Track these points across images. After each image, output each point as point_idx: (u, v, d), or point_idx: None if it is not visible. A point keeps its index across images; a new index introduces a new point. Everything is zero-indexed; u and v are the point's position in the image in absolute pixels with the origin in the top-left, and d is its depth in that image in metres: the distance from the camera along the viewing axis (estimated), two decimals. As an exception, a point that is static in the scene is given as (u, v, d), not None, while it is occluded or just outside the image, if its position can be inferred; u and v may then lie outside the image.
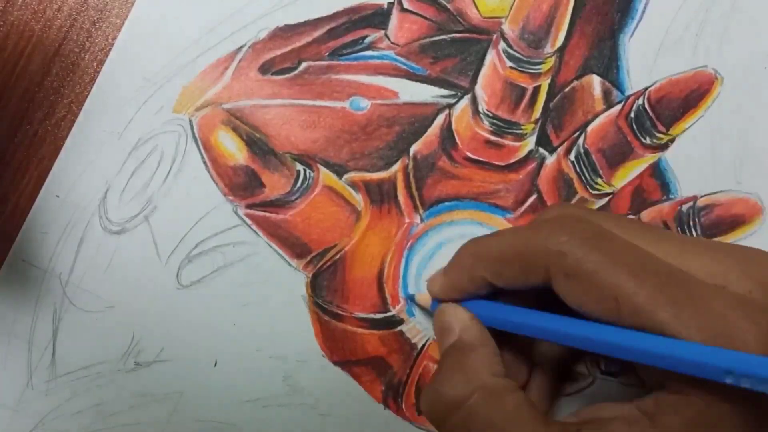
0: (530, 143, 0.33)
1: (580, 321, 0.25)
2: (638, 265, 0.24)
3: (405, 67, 0.33)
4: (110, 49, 0.33)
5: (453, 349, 0.28)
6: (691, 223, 0.33)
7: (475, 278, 0.28)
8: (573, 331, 0.25)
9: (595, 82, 0.33)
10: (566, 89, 0.33)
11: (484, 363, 0.27)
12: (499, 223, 0.33)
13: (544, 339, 0.28)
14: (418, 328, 0.33)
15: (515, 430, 0.25)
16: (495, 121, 0.33)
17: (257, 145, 0.33)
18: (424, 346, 0.33)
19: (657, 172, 0.33)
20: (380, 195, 0.33)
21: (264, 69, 0.33)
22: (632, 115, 0.33)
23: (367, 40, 0.33)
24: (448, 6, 0.33)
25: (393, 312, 0.33)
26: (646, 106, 0.33)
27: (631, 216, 0.33)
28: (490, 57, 0.33)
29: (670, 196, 0.33)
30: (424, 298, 0.32)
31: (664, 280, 0.23)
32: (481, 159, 0.33)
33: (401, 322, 0.33)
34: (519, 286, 0.26)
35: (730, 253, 0.25)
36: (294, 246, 0.33)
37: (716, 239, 0.33)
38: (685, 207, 0.33)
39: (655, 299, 0.23)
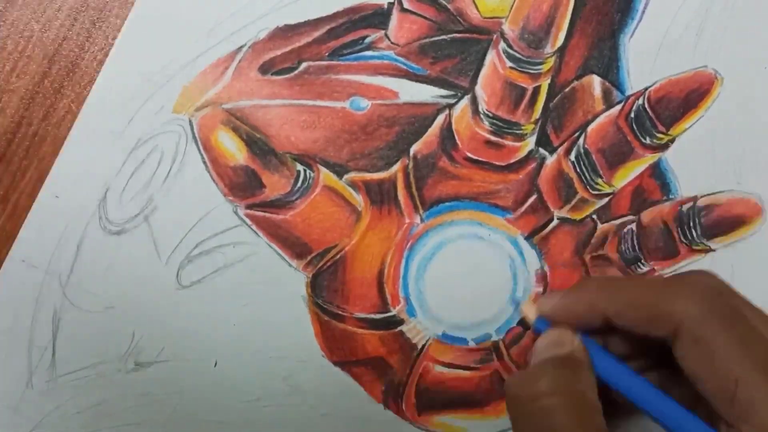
0: (530, 143, 0.33)
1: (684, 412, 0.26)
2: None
3: (405, 67, 0.33)
4: (110, 49, 0.33)
5: (561, 359, 0.28)
6: (692, 224, 0.33)
7: (594, 309, 0.28)
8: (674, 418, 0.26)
9: (595, 82, 0.33)
10: (566, 89, 0.33)
11: (589, 382, 0.27)
12: (499, 223, 0.33)
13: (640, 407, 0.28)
14: (419, 328, 0.33)
15: None
16: (495, 121, 0.33)
17: (257, 145, 0.33)
18: (424, 346, 0.33)
19: (657, 172, 0.33)
20: (380, 195, 0.33)
21: (264, 69, 0.33)
22: (632, 115, 0.33)
23: (367, 40, 0.33)
24: (448, 6, 0.33)
25: (393, 312, 0.33)
26: (646, 106, 0.33)
27: (630, 216, 0.33)
28: (490, 57, 0.33)
29: (671, 196, 0.33)
30: (531, 309, 0.31)
31: None
32: (481, 159, 0.33)
33: (401, 322, 0.33)
34: (635, 331, 0.27)
35: None
36: (294, 246, 0.33)
37: (718, 241, 0.33)
38: (685, 207, 0.33)
39: None
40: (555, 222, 0.33)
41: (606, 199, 0.33)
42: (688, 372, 0.26)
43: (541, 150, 0.33)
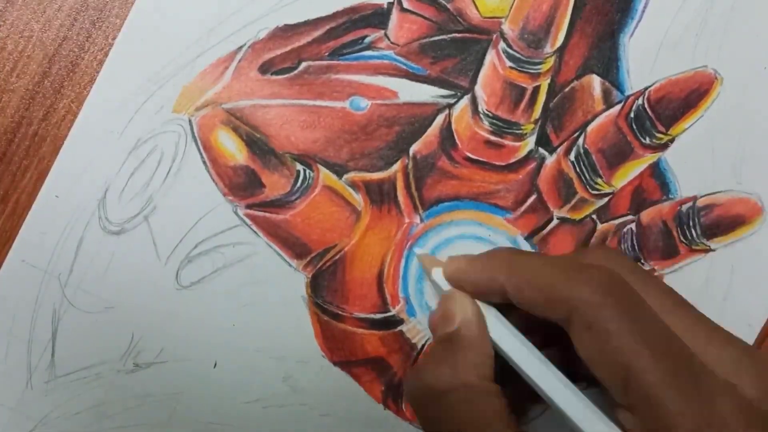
0: (530, 143, 0.33)
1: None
2: (661, 344, 0.24)
3: (405, 67, 0.33)
4: (110, 49, 0.33)
5: (448, 341, 0.28)
6: (691, 224, 0.33)
7: (494, 284, 0.27)
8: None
9: (595, 82, 0.33)
10: (566, 89, 0.33)
11: (475, 362, 0.27)
12: (499, 223, 0.33)
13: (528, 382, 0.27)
14: (418, 328, 0.33)
15: None
16: (495, 121, 0.33)
17: (257, 145, 0.33)
18: (424, 346, 0.33)
19: (657, 172, 0.33)
20: (380, 195, 0.33)
21: (264, 69, 0.33)
22: (632, 115, 0.33)
23: (367, 40, 0.33)
24: (448, 6, 0.33)
25: (393, 312, 0.33)
26: (646, 106, 0.33)
27: (630, 216, 0.33)
28: (490, 57, 0.33)
29: (670, 196, 0.33)
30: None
31: (680, 366, 0.24)
32: (480, 159, 0.33)
33: (401, 322, 0.33)
34: (534, 312, 0.26)
35: (751, 355, 0.25)
36: (294, 246, 0.33)
37: (717, 241, 0.33)
38: (684, 207, 0.33)
39: (665, 385, 0.23)
40: (555, 222, 0.33)
41: (606, 199, 0.33)
42: (582, 357, 0.25)
43: (541, 150, 0.33)
